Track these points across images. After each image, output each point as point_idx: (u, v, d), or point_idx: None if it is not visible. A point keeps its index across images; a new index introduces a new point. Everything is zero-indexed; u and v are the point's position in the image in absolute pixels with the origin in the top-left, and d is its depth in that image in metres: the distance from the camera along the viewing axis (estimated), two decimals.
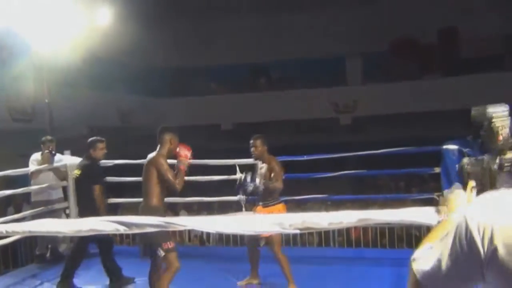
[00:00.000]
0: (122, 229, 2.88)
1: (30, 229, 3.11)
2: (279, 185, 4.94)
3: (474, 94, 9.59)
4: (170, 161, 4.47)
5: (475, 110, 1.41)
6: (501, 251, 1.08)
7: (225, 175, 6.71)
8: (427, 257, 1.28)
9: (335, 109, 15.19)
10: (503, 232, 1.09)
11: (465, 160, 1.50)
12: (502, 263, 1.08)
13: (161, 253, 4.24)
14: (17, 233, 3.08)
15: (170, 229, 2.95)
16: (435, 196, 5.66)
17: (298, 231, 2.90)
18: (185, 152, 4.37)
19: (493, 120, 1.34)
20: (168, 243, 4.25)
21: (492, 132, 1.33)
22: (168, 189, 4.41)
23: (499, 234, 1.09)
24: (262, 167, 4.99)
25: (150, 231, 4.11)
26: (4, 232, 3.05)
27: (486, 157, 1.39)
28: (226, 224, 2.77)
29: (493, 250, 1.09)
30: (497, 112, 1.34)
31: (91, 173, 5.50)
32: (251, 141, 5.09)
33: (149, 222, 2.88)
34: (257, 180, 4.94)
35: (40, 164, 6.40)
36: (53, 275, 5.86)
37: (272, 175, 4.95)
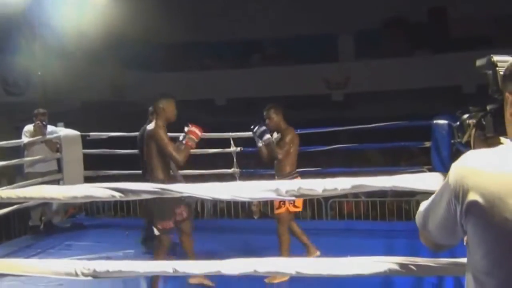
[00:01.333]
0: (118, 196, 2.90)
1: (26, 195, 3.13)
2: (279, 154, 4.54)
3: (463, 71, 9.69)
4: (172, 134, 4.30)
5: (480, 60, 1.44)
6: (475, 204, 1.14)
7: (219, 149, 6.77)
8: (422, 205, 1.39)
9: (327, 85, 15.22)
10: (477, 186, 1.14)
11: (465, 116, 1.53)
12: (477, 215, 1.14)
13: (156, 231, 4.10)
14: (12, 199, 3.09)
15: (166, 195, 2.94)
16: (424, 169, 5.71)
17: (294, 198, 2.95)
18: (195, 131, 4.15)
19: (498, 68, 1.36)
20: (164, 223, 4.07)
21: (497, 79, 1.36)
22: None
23: (473, 189, 1.14)
24: (277, 137, 4.72)
25: (151, 207, 4.13)
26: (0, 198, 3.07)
27: (488, 106, 1.42)
28: (222, 190, 2.79)
29: (468, 204, 1.15)
30: (501, 61, 1.37)
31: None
32: (264, 113, 4.70)
33: (144, 189, 2.90)
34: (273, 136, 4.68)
35: (33, 136, 6.39)
36: (48, 245, 5.90)
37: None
